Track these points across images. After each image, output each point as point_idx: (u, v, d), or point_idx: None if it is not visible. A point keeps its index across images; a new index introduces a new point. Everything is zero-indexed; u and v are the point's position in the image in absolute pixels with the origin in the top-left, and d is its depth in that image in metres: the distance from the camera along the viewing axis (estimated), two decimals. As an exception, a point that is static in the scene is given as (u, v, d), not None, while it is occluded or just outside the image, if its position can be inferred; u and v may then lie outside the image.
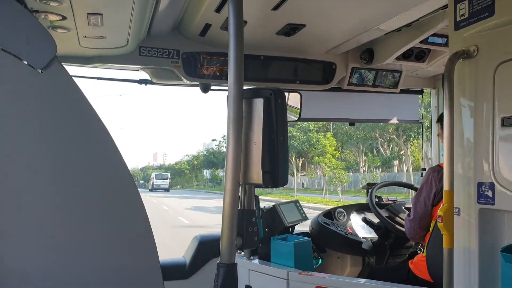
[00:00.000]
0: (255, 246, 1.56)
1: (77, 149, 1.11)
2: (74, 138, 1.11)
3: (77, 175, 1.10)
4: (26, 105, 1.07)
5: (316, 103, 4.09)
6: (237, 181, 1.39)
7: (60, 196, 1.09)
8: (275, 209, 3.71)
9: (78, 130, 1.12)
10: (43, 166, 1.08)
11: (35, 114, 1.08)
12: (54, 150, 1.09)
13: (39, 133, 1.08)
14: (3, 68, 1.05)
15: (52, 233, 1.08)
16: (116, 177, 1.16)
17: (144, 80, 3.61)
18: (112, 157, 1.15)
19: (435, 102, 4.40)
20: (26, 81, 1.07)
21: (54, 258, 1.08)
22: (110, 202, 1.15)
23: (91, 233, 1.12)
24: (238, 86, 1.39)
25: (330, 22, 2.96)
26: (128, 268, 1.16)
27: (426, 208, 3.02)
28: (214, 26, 2.93)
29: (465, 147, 2.20)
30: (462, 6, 2.20)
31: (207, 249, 3.45)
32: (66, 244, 1.09)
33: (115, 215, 1.15)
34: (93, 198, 1.12)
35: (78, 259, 1.10)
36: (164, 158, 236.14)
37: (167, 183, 49.35)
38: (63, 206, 1.09)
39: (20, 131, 1.06)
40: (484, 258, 2.12)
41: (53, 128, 1.09)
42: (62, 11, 2.34)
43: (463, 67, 2.19)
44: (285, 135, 1.48)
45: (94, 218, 1.12)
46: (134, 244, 1.17)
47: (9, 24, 1.07)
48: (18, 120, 1.06)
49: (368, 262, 4.06)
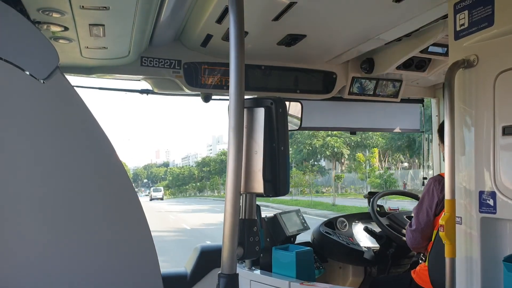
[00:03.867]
0: (256, 256, 1.55)
1: (78, 157, 1.12)
2: (75, 147, 1.12)
3: (78, 183, 1.10)
4: (28, 115, 1.08)
5: (317, 112, 4.10)
6: (238, 190, 1.39)
7: (60, 202, 1.09)
8: (276, 218, 3.70)
9: (79, 139, 1.13)
10: (45, 174, 1.08)
11: (37, 124, 1.08)
12: (56, 158, 1.09)
13: (41, 142, 1.08)
14: (6, 79, 1.06)
15: (53, 238, 1.08)
16: (117, 185, 1.16)
17: (146, 90, 3.62)
18: (113, 166, 1.15)
19: (435, 111, 4.40)
20: (29, 91, 1.08)
21: (53, 262, 1.08)
22: (110, 209, 1.15)
23: (93, 243, 1.12)
24: (239, 96, 1.40)
25: (331, 32, 2.97)
26: (129, 280, 1.16)
27: (429, 218, 3.01)
28: (215, 36, 2.95)
29: (466, 156, 2.20)
30: (462, 16, 2.21)
31: (208, 259, 3.43)
32: (65, 253, 1.09)
33: (114, 224, 1.15)
34: (95, 206, 1.12)
35: (73, 268, 1.09)
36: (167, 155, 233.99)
37: (161, 194, 73.72)
38: (64, 213, 1.09)
39: (23, 140, 1.06)
40: (486, 268, 2.11)
41: (55, 137, 1.10)
42: (64, 22, 2.36)
43: (463, 76, 2.20)
44: (286, 144, 1.49)
45: (95, 227, 1.12)
46: (135, 256, 1.17)
47: (12, 35, 1.08)
48: (21, 130, 1.07)
49: (370, 272, 4.03)
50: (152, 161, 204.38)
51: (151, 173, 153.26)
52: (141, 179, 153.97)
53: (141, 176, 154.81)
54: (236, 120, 1.39)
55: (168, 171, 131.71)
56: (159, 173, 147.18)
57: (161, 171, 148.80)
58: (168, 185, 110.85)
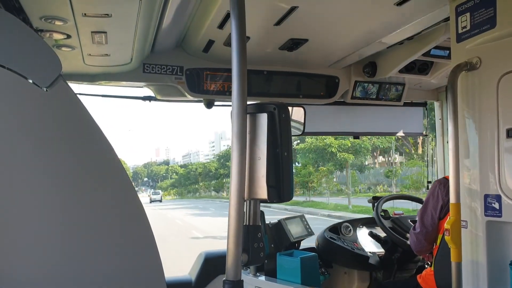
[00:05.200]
0: (261, 262, 1.54)
1: (81, 165, 1.12)
2: (78, 154, 1.12)
3: (81, 189, 1.10)
4: (32, 123, 1.08)
5: (320, 117, 4.10)
6: (242, 196, 1.38)
7: (63, 209, 1.09)
8: (280, 224, 3.69)
9: (82, 147, 1.13)
10: (48, 181, 1.08)
11: (41, 132, 1.08)
12: (60, 166, 1.09)
13: (45, 150, 1.08)
14: (10, 87, 1.06)
15: (55, 240, 1.08)
16: (120, 192, 1.16)
17: (148, 97, 3.62)
18: (115, 173, 1.15)
19: (439, 115, 4.39)
20: (32, 99, 1.08)
21: (55, 263, 1.07)
22: (114, 217, 1.14)
23: (95, 250, 1.11)
24: (242, 101, 1.40)
25: (333, 37, 2.98)
26: (134, 287, 1.15)
27: (433, 221, 3.00)
28: (217, 42, 2.96)
29: (470, 159, 2.19)
30: (464, 18, 2.21)
31: (212, 266, 3.42)
32: (67, 254, 1.08)
33: (118, 232, 1.15)
34: (96, 212, 1.12)
35: (78, 276, 1.09)
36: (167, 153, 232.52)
37: (160, 197, 75.42)
38: (66, 218, 1.09)
39: (26, 148, 1.06)
40: (493, 271, 2.09)
41: (59, 144, 1.10)
42: (66, 30, 2.37)
43: (466, 79, 2.19)
44: (290, 149, 1.48)
45: (96, 234, 1.12)
46: (139, 262, 1.17)
47: (15, 44, 1.08)
48: (24, 138, 1.07)
49: (376, 277, 4.01)
50: (152, 159, 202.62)
51: (151, 172, 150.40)
52: (141, 178, 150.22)
53: (141, 175, 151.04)
54: (239, 126, 1.39)
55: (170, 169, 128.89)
56: (160, 171, 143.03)
57: (162, 169, 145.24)
58: (174, 184, 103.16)
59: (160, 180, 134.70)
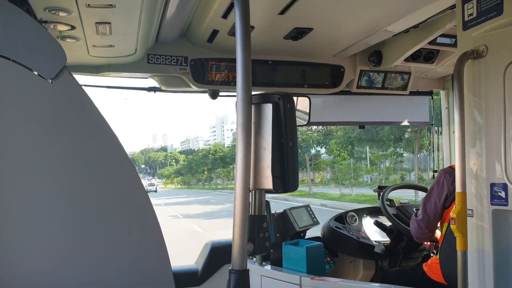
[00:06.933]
0: (267, 252, 1.55)
1: (87, 156, 1.12)
2: (84, 145, 1.12)
3: (87, 180, 1.11)
4: (37, 114, 1.08)
5: (325, 107, 4.08)
6: (247, 186, 1.39)
7: (70, 201, 1.10)
8: (286, 214, 3.70)
9: (88, 137, 1.13)
10: (54, 172, 1.09)
11: (46, 123, 1.09)
12: (65, 156, 1.10)
13: (50, 141, 1.09)
14: (15, 79, 1.06)
15: (61, 237, 1.09)
16: (125, 183, 1.16)
17: (153, 88, 3.63)
18: (121, 163, 1.15)
19: (445, 103, 4.37)
20: (37, 91, 1.08)
21: (62, 261, 1.08)
22: (121, 208, 1.15)
23: (103, 239, 1.12)
24: (247, 92, 1.39)
25: (338, 25, 2.95)
26: (141, 277, 1.16)
27: (436, 209, 3.00)
28: (221, 32, 2.94)
29: (476, 148, 2.18)
30: (470, 5, 2.18)
31: (219, 255, 3.44)
32: (76, 251, 1.09)
33: (126, 222, 1.16)
34: (103, 203, 1.13)
35: (87, 264, 1.10)
36: (165, 139, 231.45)
37: (155, 188, 75.89)
38: (73, 210, 1.10)
39: (32, 139, 1.07)
40: (499, 260, 2.09)
41: (64, 135, 1.10)
42: (71, 21, 2.37)
43: (473, 67, 2.17)
44: (295, 139, 1.48)
45: (104, 224, 1.13)
46: (146, 253, 1.17)
47: (19, 36, 1.08)
48: (29, 129, 1.07)
49: (381, 266, 4.02)
50: (149, 145, 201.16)
51: (149, 158, 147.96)
52: (138, 165, 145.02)
53: (138, 162, 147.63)
54: (244, 116, 1.39)
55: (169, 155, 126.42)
56: (158, 158, 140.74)
57: (160, 155, 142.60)
58: (180, 171, 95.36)
59: (158, 167, 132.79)
